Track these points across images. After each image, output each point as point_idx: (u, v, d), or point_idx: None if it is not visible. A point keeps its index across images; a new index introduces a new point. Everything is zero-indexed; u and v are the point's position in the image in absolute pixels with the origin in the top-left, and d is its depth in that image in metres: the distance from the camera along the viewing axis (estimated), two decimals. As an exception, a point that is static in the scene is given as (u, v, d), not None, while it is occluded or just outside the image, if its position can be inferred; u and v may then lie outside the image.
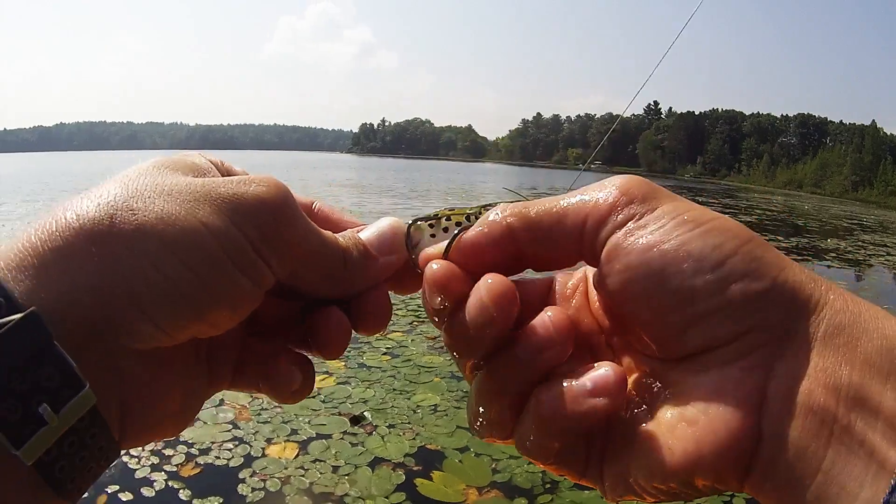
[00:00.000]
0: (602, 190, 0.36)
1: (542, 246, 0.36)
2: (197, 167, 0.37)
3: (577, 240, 0.35)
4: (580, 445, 0.35)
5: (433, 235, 0.41)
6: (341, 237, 0.39)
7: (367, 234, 0.41)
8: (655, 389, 0.34)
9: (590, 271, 0.39)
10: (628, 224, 0.34)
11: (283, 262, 0.35)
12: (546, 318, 0.35)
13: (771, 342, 0.31)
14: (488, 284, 0.35)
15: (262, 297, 0.35)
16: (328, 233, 0.38)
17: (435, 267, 0.37)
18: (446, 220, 0.41)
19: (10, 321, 0.27)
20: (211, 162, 0.39)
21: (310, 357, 0.41)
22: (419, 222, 0.41)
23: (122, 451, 0.33)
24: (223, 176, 0.39)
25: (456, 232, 0.38)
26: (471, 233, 0.37)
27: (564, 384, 0.33)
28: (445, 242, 0.38)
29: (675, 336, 0.33)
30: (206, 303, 0.32)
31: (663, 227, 0.33)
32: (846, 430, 0.29)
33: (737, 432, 0.31)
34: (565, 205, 0.36)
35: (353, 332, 0.40)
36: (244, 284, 0.33)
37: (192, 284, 0.31)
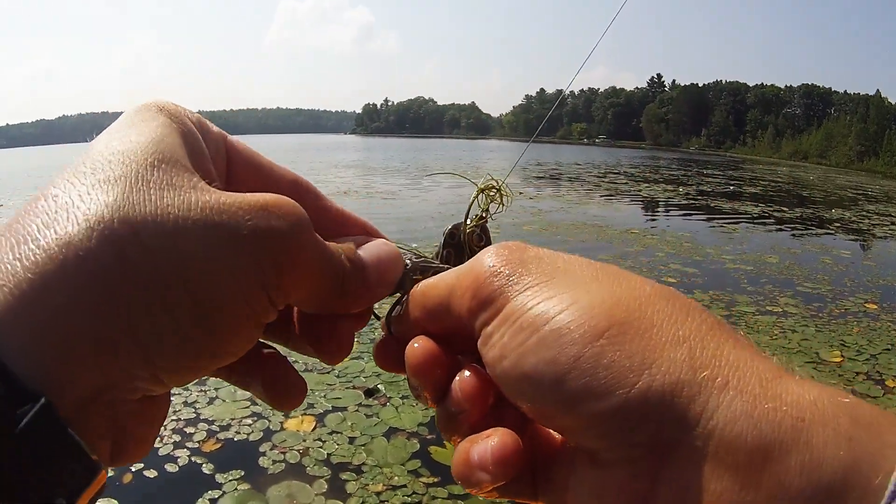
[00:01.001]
0: (467, 279, 0.34)
1: (449, 332, 0.36)
2: (191, 152, 0.32)
3: (471, 335, 0.34)
4: (521, 481, 0.34)
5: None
6: (344, 256, 0.35)
7: (367, 257, 0.36)
8: (572, 455, 0.32)
9: None
10: (483, 331, 0.32)
11: (290, 299, 0.32)
12: (455, 385, 0.34)
13: (649, 455, 0.27)
14: (410, 353, 0.36)
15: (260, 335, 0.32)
16: (336, 258, 0.34)
17: (381, 350, 0.39)
18: (421, 272, 0.40)
19: (23, 417, 0.23)
20: (190, 121, 0.34)
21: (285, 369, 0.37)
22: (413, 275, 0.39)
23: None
24: (202, 137, 0.35)
25: (389, 309, 0.40)
26: (397, 325, 0.39)
27: (465, 448, 0.33)
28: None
29: (557, 431, 0.32)
30: (215, 356, 0.30)
31: (503, 339, 0.31)
32: None
33: None
34: (448, 298, 0.35)
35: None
36: (254, 332, 0.31)
37: (208, 341, 0.28)
